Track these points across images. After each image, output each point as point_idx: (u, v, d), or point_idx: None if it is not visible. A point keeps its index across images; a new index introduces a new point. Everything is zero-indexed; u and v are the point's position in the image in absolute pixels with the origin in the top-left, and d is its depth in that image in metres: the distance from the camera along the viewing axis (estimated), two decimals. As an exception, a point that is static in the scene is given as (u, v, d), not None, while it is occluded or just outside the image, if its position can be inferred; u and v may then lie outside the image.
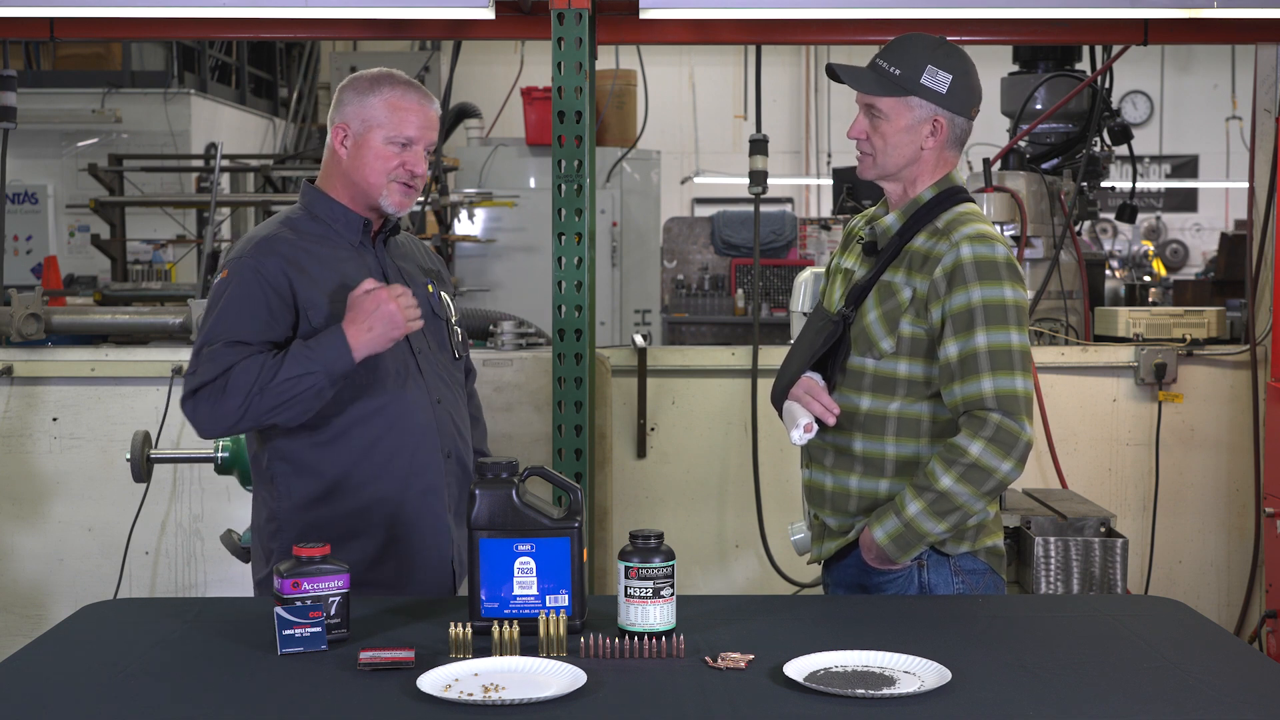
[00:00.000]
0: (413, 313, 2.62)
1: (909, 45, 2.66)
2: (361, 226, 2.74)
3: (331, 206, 2.74)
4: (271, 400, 2.56)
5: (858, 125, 2.70)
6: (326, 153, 2.77)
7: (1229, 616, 4.81)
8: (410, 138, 2.70)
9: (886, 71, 2.64)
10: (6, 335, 4.66)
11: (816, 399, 2.66)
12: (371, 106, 2.69)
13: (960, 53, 2.67)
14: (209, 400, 2.58)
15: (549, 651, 2.19)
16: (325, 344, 2.57)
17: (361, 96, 2.70)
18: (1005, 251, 2.60)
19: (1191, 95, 14.79)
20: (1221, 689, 2.05)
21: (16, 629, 4.68)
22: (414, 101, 2.71)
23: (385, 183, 2.70)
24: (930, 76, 2.62)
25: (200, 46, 10.33)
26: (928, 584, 2.66)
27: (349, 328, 2.58)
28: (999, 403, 2.54)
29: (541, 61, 4.96)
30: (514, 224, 8.07)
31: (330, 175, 2.75)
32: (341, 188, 2.74)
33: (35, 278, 7.98)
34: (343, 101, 2.73)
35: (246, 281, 2.63)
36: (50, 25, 4.45)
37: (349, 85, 2.74)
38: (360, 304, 2.59)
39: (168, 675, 2.13)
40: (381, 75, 2.74)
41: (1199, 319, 4.85)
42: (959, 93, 2.64)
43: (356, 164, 2.70)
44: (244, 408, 2.56)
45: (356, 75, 2.76)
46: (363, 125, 2.69)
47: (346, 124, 2.71)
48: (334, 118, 2.74)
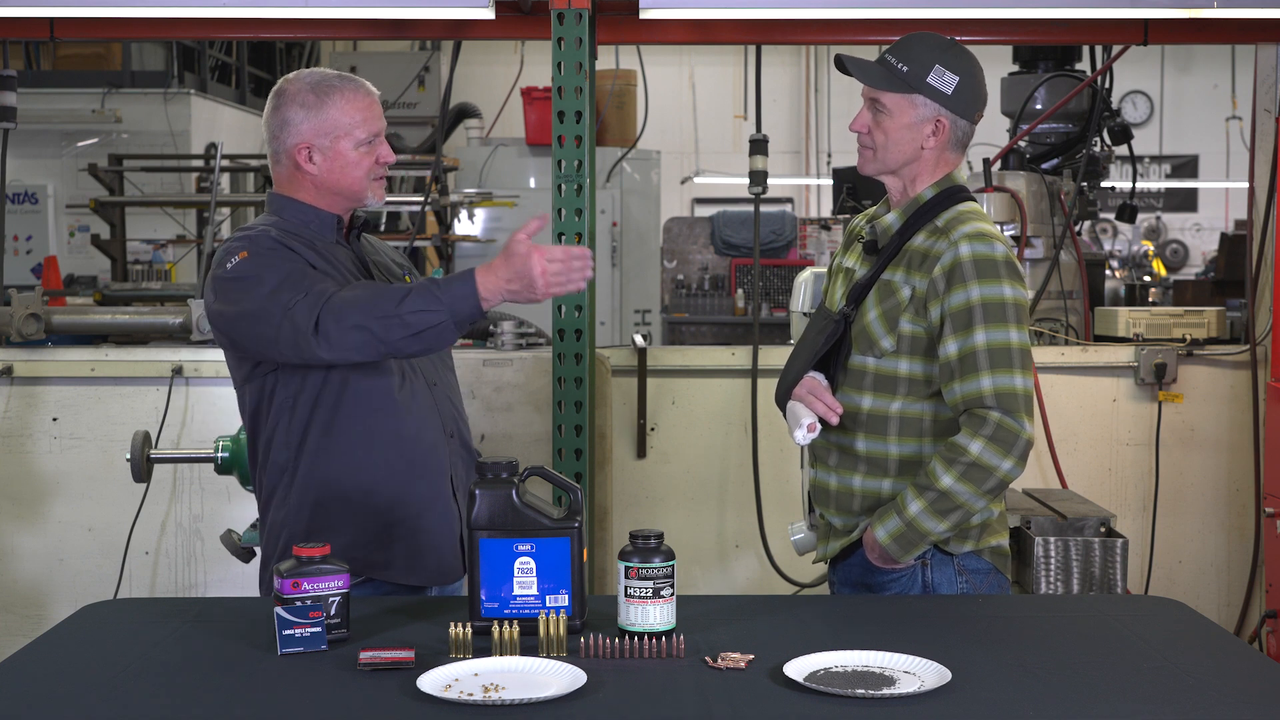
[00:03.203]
0: (559, 280, 2.48)
1: (919, 43, 2.66)
2: (335, 224, 2.76)
3: (301, 210, 2.74)
4: (399, 330, 2.46)
5: (860, 118, 2.70)
6: (284, 169, 2.73)
7: (1229, 616, 4.80)
8: (375, 132, 2.72)
9: (894, 67, 2.65)
10: (6, 335, 4.66)
11: (819, 399, 2.66)
12: (329, 118, 2.68)
13: (969, 55, 2.68)
14: (334, 325, 2.47)
15: (549, 651, 2.19)
16: (455, 286, 2.47)
17: (314, 110, 2.68)
18: (1005, 250, 2.60)
19: (1191, 95, 14.79)
20: (1221, 689, 2.05)
21: (16, 629, 4.68)
22: (364, 97, 2.72)
23: (367, 183, 2.73)
24: (937, 76, 2.62)
25: (200, 46, 10.33)
26: (931, 583, 2.66)
27: (488, 274, 2.47)
28: (998, 401, 2.54)
29: (541, 61, 4.96)
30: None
31: (295, 186, 2.74)
32: (314, 196, 2.73)
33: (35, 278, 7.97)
34: (291, 120, 2.69)
35: (275, 246, 2.60)
36: (50, 25, 4.45)
37: (291, 102, 2.69)
38: (513, 254, 2.47)
39: (168, 675, 2.13)
40: (322, 83, 2.71)
41: (1199, 319, 4.85)
42: (964, 95, 2.64)
43: (334, 175, 2.71)
44: (375, 332, 2.45)
45: (291, 90, 2.71)
46: (328, 139, 2.69)
47: (308, 142, 2.69)
48: (287, 138, 2.69)
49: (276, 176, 2.77)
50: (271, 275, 2.56)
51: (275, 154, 2.74)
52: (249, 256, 2.61)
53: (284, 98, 2.71)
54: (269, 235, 2.65)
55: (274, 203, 2.77)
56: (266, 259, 2.59)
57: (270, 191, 2.80)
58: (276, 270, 2.57)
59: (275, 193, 2.78)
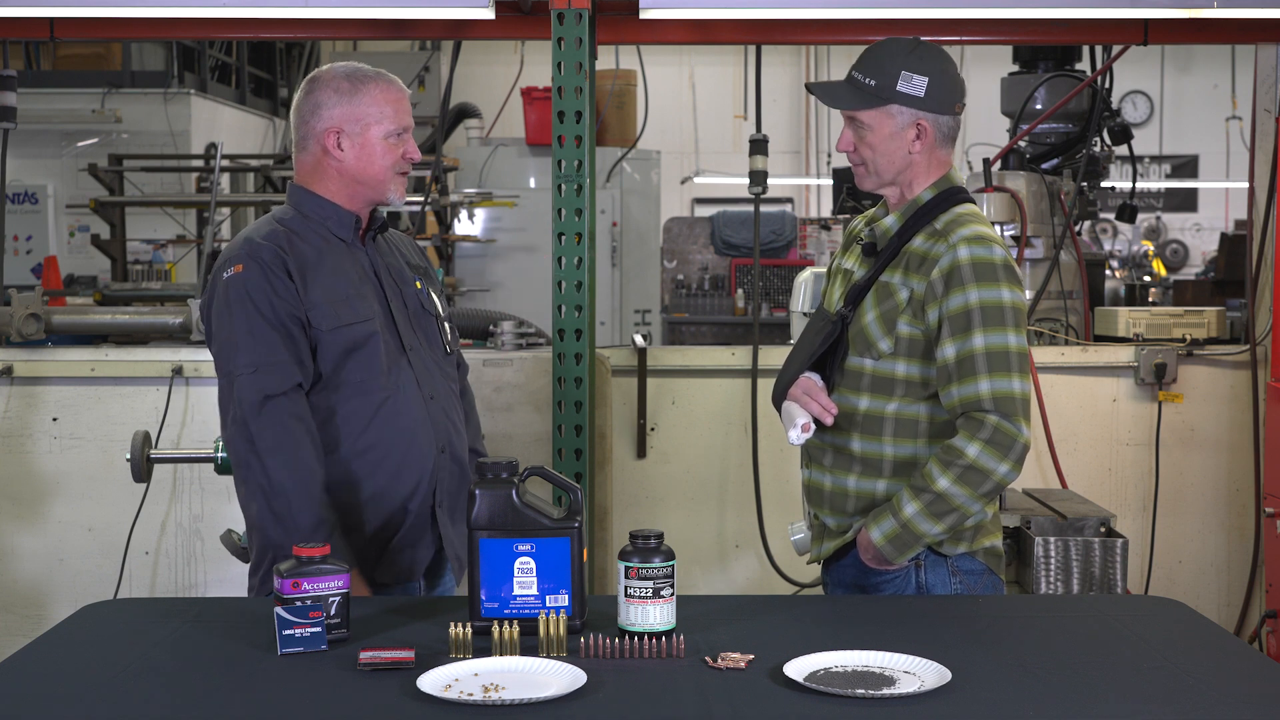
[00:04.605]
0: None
1: (881, 53, 2.66)
2: (353, 224, 2.76)
3: (322, 205, 2.74)
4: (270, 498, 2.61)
5: (844, 138, 2.72)
6: (311, 156, 2.74)
7: (1229, 616, 4.80)
8: (404, 126, 2.74)
9: (862, 83, 2.65)
10: (6, 335, 4.66)
11: (814, 399, 2.67)
12: (362, 105, 2.70)
13: (935, 51, 2.66)
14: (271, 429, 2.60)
15: (549, 651, 2.19)
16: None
17: (347, 97, 2.70)
18: (1003, 253, 2.60)
19: (1191, 95, 14.79)
20: (1221, 689, 2.05)
21: (16, 629, 4.68)
22: (397, 91, 2.75)
23: (391, 176, 2.73)
24: (905, 82, 2.62)
25: (200, 46, 10.32)
26: (925, 584, 2.66)
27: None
28: (996, 404, 2.54)
29: (541, 61, 4.96)
30: (514, 224, 8.08)
31: (320, 176, 2.74)
32: (337, 187, 2.74)
33: (35, 278, 7.98)
34: (324, 104, 2.71)
35: (265, 281, 2.63)
36: (50, 25, 4.45)
37: (326, 87, 2.71)
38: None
39: (168, 675, 2.13)
40: (356, 72, 2.73)
41: (1199, 319, 4.84)
42: (937, 93, 2.64)
43: (360, 164, 2.71)
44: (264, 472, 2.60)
45: (325, 76, 2.73)
46: (358, 125, 2.70)
47: (339, 127, 2.70)
48: (318, 122, 2.71)
49: (300, 165, 2.76)
50: (243, 334, 2.62)
51: (303, 139, 2.74)
52: (243, 272, 2.63)
53: (318, 83, 2.73)
54: (266, 253, 2.64)
55: (294, 195, 2.77)
56: (249, 301, 2.62)
57: (291, 183, 2.80)
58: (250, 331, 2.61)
59: (296, 184, 2.78)
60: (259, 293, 2.62)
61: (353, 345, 2.67)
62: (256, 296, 2.62)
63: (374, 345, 2.68)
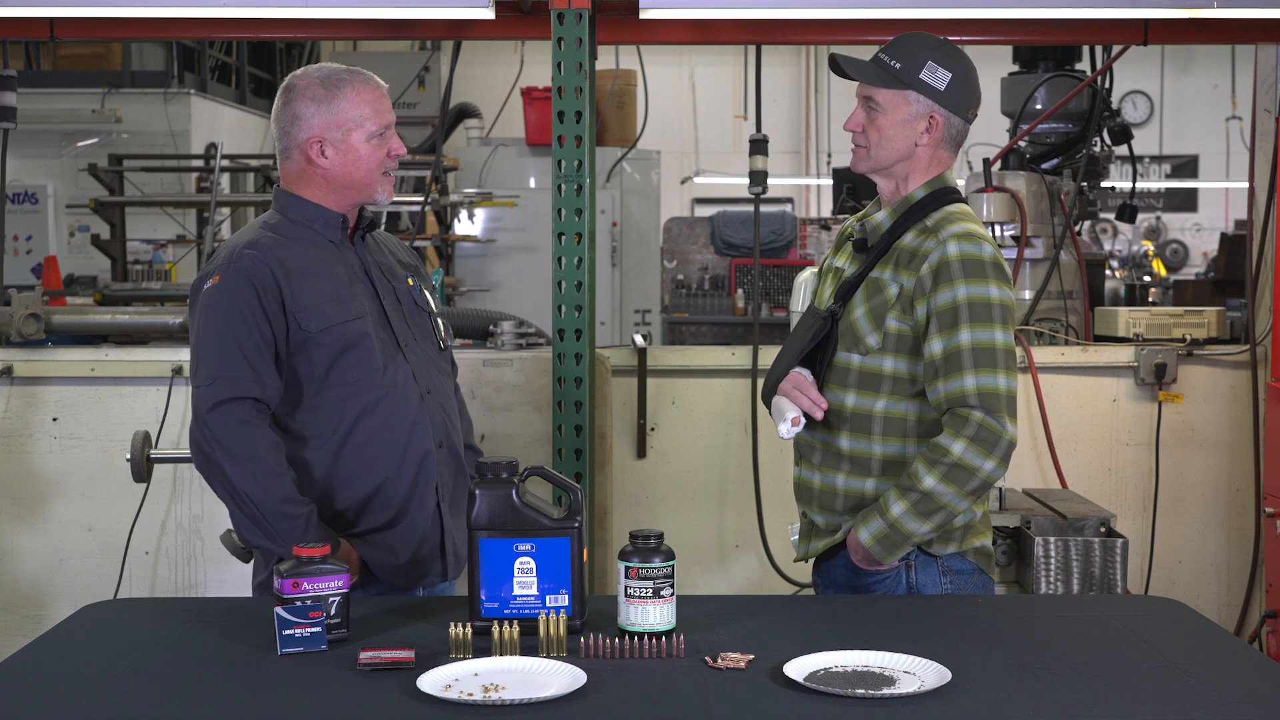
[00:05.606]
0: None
1: (912, 41, 2.68)
2: (340, 224, 2.75)
3: (307, 208, 2.74)
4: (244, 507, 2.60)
5: (854, 118, 2.72)
6: (295, 164, 2.74)
7: (1229, 616, 4.80)
8: (386, 124, 2.72)
9: (887, 65, 2.66)
10: (6, 335, 4.66)
11: (804, 393, 2.67)
12: (340, 110, 2.69)
13: (963, 55, 2.69)
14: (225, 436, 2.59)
15: (549, 651, 2.19)
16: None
17: (324, 104, 2.69)
18: (992, 250, 2.61)
19: (1191, 95, 14.79)
20: (1221, 689, 2.05)
21: (16, 629, 4.68)
22: (374, 89, 2.73)
23: (377, 177, 2.73)
24: (930, 73, 2.63)
25: (200, 46, 10.33)
26: (916, 584, 2.66)
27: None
28: (981, 400, 2.53)
29: (541, 61, 4.96)
30: (514, 224, 8.07)
31: (306, 182, 2.74)
32: (323, 191, 2.73)
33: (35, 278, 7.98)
34: (302, 114, 2.69)
35: (238, 297, 2.63)
36: (50, 25, 4.44)
37: (302, 96, 2.70)
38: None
39: (168, 675, 2.13)
40: (331, 77, 2.71)
41: (1199, 319, 4.84)
42: (957, 91, 2.65)
43: (346, 169, 2.71)
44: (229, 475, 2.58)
45: (301, 85, 2.72)
46: (340, 131, 2.69)
47: (320, 135, 2.69)
48: (298, 133, 2.70)
49: (285, 173, 2.76)
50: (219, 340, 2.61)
51: (285, 150, 2.73)
52: (219, 284, 2.63)
53: (293, 93, 2.72)
54: (246, 265, 2.64)
55: (280, 199, 2.77)
56: (218, 315, 2.62)
57: (277, 188, 2.79)
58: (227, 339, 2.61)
59: (282, 189, 2.77)
60: (231, 308, 2.62)
61: (346, 344, 2.67)
62: (228, 311, 2.62)
63: (367, 343, 2.68)
